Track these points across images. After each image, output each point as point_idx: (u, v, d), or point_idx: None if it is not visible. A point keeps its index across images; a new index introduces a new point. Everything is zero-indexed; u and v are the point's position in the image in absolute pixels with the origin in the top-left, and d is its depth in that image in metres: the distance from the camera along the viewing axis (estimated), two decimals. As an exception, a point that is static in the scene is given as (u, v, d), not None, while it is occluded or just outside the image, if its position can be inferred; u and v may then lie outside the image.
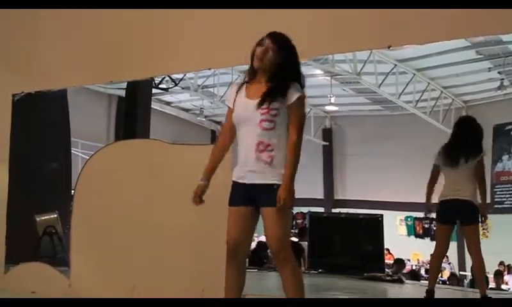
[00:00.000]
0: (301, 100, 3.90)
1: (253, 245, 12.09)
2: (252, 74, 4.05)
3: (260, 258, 11.47)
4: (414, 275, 14.45)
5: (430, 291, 6.25)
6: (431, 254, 6.67)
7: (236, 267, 3.98)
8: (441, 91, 19.81)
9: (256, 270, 10.24)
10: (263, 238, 15.94)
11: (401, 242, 21.39)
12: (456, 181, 6.19)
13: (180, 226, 6.20)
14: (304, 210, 19.26)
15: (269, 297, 5.99)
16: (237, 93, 4.07)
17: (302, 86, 3.97)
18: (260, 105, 3.86)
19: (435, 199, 6.47)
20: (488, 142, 6.63)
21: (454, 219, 6.31)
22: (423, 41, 6.16)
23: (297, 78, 3.99)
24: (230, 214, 4.00)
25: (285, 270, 3.88)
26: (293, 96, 3.87)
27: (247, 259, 4.17)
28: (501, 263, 16.93)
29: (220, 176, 4.24)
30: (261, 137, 3.86)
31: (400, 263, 12.65)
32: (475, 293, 7.62)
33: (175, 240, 6.23)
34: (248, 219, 3.97)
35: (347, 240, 10.79)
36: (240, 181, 3.97)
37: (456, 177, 6.18)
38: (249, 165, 3.90)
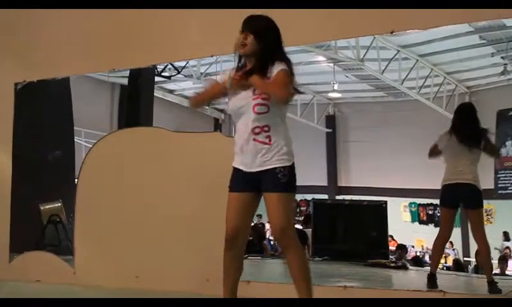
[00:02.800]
0: (284, 71, 3.85)
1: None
2: (242, 62, 4.06)
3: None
4: (418, 261, 14.44)
5: (431, 275, 6.23)
6: (435, 238, 6.66)
7: (234, 253, 3.99)
8: (445, 77, 19.76)
9: (259, 257, 10.25)
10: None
11: (405, 229, 21.41)
12: (457, 165, 6.19)
13: (183, 215, 6.21)
14: (308, 197, 19.29)
15: (274, 282, 6.02)
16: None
17: (290, 68, 3.92)
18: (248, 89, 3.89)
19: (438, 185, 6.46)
20: (491, 127, 6.61)
21: (457, 203, 6.31)
22: (426, 26, 6.15)
23: (284, 59, 3.95)
24: (230, 200, 3.98)
25: (289, 256, 3.88)
26: (275, 70, 3.85)
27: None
28: (507, 248, 16.98)
29: (224, 165, 4.23)
30: (256, 122, 3.86)
31: (402, 249, 12.66)
32: (479, 279, 7.63)
33: (179, 229, 6.24)
34: (247, 205, 3.97)
35: (351, 227, 10.79)
36: (241, 168, 3.96)
37: (458, 162, 6.19)
38: (249, 154, 3.90)
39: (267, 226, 15.39)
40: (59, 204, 9.22)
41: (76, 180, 7.17)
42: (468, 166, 6.17)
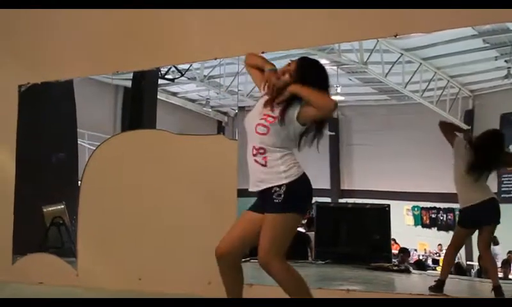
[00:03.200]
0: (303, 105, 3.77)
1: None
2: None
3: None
4: (421, 265, 14.42)
5: (440, 281, 6.14)
6: (448, 246, 6.58)
7: (226, 269, 3.89)
8: (448, 80, 19.73)
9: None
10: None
11: (408, 232, 21.37)
12: (473, 188, 6.13)
13: (186, 218, 6.21)
14: (311, 200, 19.24)
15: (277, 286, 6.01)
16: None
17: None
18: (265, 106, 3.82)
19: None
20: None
21: (477, 225, 6.20)
22: (430, 29, 6.16)
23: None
24: (241, 216, 3.96)
25: (276, 279, 3.79)
26: (295, 110, 3.76)
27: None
28: (510, 252, 16.89)
29: (227, 168, 4.23)
30: (254, 142, 3.80)
31: (405, 252, 12.65)
32: (482, 283, 7.62)
33: (182, 231, 6.23)
34: (252, 225, 3.83)
35: (354, 230, 10.78)
36: (251, 189, 3.88)
37: (472, 181, 6.13)
38: (251, 172, 3.86)
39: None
40: (62, 206, 9.24)
41: (79, 182, 7.18)
42: (483, 182, 6.14)
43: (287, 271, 3.79)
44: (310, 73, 3.86)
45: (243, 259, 4.07)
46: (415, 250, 20.59)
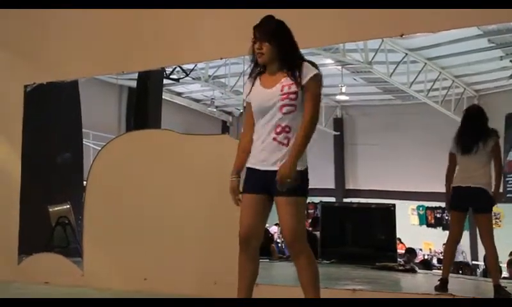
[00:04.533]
0: (317, 77, 3.88)
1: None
2: (260, 66, 4.02)
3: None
4: (426, 264, 14.40)
5: (443, 280, 6.18)
6: (445, 243, 6.63)
7: (249, 255, 3.95)
8: (453, 80, 19.69)
9: (267, 259, 10.25)
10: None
11: (413, 232, 21.34)
12: (469, 168, 6.16)
13: (192, 218, 6.21)
14: (316, 199, 19.23)
15: (283, 285, 6.01)
16: (251, 86, 4.04)
17: (318, 70, 3.93)
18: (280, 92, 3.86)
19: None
20: (500, 131, 6.57)
21: (466, 206, 6.24)
22: (435, 29, 6.15)
23: (304, 59, 3.97)
24: (244, 201, 3.95)
25: (299, 262, 3.85)
26: (308, 74, 3.86)
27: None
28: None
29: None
30: (280, 121, 3.85)
31: (411, 252, 12.64)
32: (487, 283, 7.60)
33: (187, 232, 6.24)
34: (261, 207, 3.93)
35: (360, 230, 10.78)
36: (256, 167, 3.93)
37: (469, 164, 6.15)
38: (265, 151, 3.88)
39: (271, 230, 15.37)
40: (68, 206, 9.25)
41: (85, 182, 7.19)
42: (479, 170, 6.12)
43: (312, 254, 3.93)
44: (284, 45, 3.94)
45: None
46: (420, 249, 20.54)
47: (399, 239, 15.85)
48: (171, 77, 16.55)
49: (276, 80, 3.90)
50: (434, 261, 18.20)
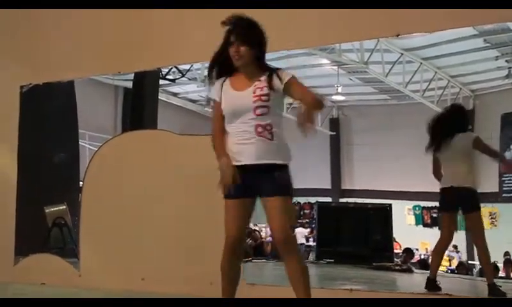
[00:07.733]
0: (295, 77, 3.89)
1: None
2: (228, 67, 4.04)
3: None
4: (423, 264, 14.43)
5: (432, 280, 6.13)
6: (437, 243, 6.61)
7: (239, 256, 3.98)
8: (449, 80, 19.75)
9: (264, 260, 10.25)
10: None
11: (409, 232, 21.37)
12: (451, 165, 6.18)
13: (188, 218, 6.21)
14: (312, 200, 19.26)
15: (279, 285, 6.01)
16: (221, 87, 4.04)
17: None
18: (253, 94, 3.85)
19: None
20: (496, 131, 6.59)
21: (455, 206, 6.22)
22: (431, 29, 6.17)
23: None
24: (229, 207, 3.90)
25: (291, 262, 3.82)
26: (285, 77, 3.87)
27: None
28: (506, 254, 16.83)
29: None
30: (259, 121, 3.82)
31: (409, 252, 12.66)
32: (484, 282, 7.62)
33: (184, 232, 6.24)
34: (246, 211, 3.91)
35: (356, 230, 10.80)
36: (238, 163, 3.86)
37: (452, 165, 6.16)
38: (250, 147, 3.83)
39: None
40: (64, 206, 9.25)
41: (81, 182, 7.18)
42: (462, 169, 6.11)
43: (300, 253, 4.10)
44: (261, 48, 3.96)
45: (244, 260, 4.10)
46: (417, 249, 20.58)
47: (394, 238, 15.88)
48: (167, 77, 16.56)
49: (249, 83, 3.90)
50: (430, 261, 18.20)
